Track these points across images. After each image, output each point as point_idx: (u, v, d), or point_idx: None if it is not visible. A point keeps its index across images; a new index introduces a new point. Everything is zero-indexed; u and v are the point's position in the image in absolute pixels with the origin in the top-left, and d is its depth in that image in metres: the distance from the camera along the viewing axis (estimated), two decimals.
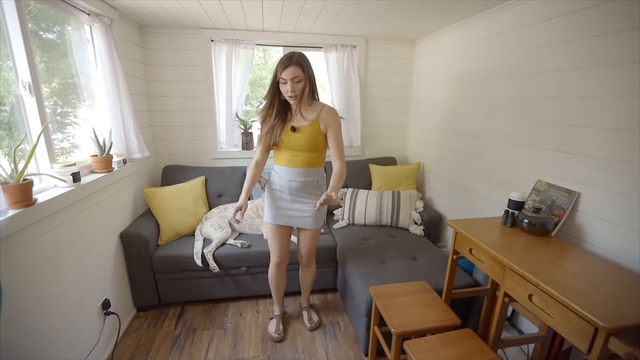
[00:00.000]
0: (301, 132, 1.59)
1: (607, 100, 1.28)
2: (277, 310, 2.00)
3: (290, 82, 1.49)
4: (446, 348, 1.24)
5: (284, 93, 1.54)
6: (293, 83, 1.50)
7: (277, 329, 1.91)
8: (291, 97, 1.53)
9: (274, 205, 1.72)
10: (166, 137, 2.64)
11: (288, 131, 1.60)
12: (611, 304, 0.94)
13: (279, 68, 1.50)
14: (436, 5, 1.86)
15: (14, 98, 1.33)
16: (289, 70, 1.48)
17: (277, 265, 1.82)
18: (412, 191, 2.51)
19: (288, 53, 1.52)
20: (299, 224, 1.74)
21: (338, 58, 2.67)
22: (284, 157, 1.65)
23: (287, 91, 1.52)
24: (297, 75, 1.49)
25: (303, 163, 1.64)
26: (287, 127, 1.61)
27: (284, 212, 1.71)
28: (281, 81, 1.52)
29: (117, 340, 1.84)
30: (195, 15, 2.12)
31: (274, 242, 1.78)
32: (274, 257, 1.81)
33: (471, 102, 2.10)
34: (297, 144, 1.61)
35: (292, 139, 1.60)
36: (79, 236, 1.55)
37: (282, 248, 1.79)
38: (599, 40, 1.29)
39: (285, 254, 1.82)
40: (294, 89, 1.51)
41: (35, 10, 1.50)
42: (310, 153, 1.63)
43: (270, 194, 1.72)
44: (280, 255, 1.80)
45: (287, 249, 1.82)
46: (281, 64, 1.49)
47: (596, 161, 1.32)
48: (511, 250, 1.26)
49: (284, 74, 1.49)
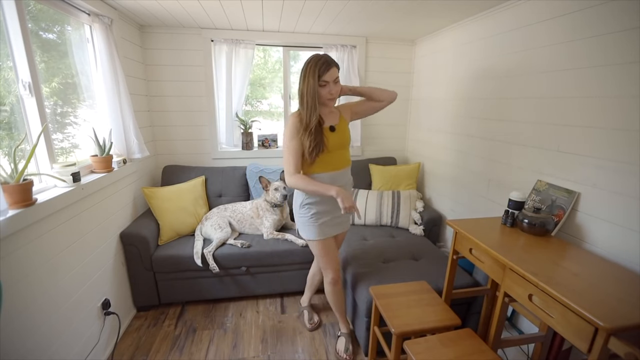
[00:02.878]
0: (339, 130, 1.56)
1: (607, 100, 1.27)
2: (345, 328, 1.87)
3: (331, 84, 1.45)
4: (446, 348, 1.24)
5: (323, 96, 1.47)
6: (334, 85, 1.46)
7: (347, 349, 1.78)
8: (331, 99, 1.49)
9: (321, 218, 1.59)
10: (166, 137, 2.64)
11: (328, 133, 1.52)
12: (611, 304, 0.94)
13: (318, 71, 1.41)
14: (436, 5, 1.86)
15: (14, 98, 1.33)
16: (331, 72, 1.43)
17: (336, 281, 1.71)
18: (412, 191, 2.51)
19: (316, 56, 1.45)
20: (346, 227, 1.72)
21: (338, 58, 2.66)
22: (332, 162, 1.55)
23: (329, 93, 1.46)
24: (337, 77, 1.47)
25: (348, 160, 1.64)
26: (324, 131, 1.51)
27: (336, 221, 1.64)
28: (321, 84, 1.44)
29: (117, 340, 1.84)
30: (195, 15, 2.12)
31: (329, 258, 1.65)
32: (332, 273, 1.68)
33: (471, 102, 2.10)
34: (340, 142, 1.56)
35: (335, 139, 1.54)
36: (79, 236, 1.55)
37: (336, 261, 1.69)
38: (598, 40, 1.29)
39: (339, 267, 1.74)
40: (336, 90, 1.48)
41: (35, 10, 1.50)
42: (348, 149, 1.64)
43: (314, 208, 1.57)
44: (337, 269, 1.70)
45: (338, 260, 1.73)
46: (320, 66, 1.42)
47: (596, 161, 1.32)
48: (511, 250, 1.26)
49: (327, 76, 1.42)
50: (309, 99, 1.44)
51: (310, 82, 1.43)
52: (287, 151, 1.50)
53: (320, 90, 1.45)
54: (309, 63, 1.44)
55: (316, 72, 1.41)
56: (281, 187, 2.26)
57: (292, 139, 1.48)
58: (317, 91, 1.44)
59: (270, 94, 3.17)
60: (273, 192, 2.26)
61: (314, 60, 1.43)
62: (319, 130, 1.49)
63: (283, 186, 2.28)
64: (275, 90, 3.08)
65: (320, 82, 1.43)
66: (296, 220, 1.68)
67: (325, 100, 1.48)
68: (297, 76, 1.51)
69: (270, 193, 2.27)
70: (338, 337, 1.87)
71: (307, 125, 1.46)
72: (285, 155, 1.51)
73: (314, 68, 1.42)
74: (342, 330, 1.87)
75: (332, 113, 1.59)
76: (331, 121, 1.56)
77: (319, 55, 1.45)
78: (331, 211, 1.60)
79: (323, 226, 1.60)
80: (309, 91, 1.44)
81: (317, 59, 1.43)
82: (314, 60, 1.43)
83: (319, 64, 1.42)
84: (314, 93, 1.44)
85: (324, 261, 1.67)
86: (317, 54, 1.47)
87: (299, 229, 1.68)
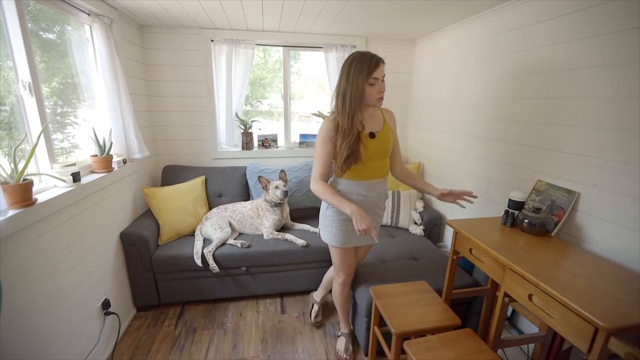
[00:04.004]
0: (380, 136, 1.43)
1: (607, 100, 1.27)
2: (345, 328, 1.85)
3: (380, 81, 1.33)
4: (446, 348, 1.24)
5: (373, 95, 1.34)
6: (383, 82, 1.35)
7: (347, 349, 1.78)
8: (380, 98, 1.37)
9: (346, 227, 1.50)
10: (166, 137, 2.64)
11: (367, 140, 1.39)
12: (611, 303, 0.94)
13: (368, 67, 1.29)
14: (436, 5, 1.86)
15: (14, 98, 1.33)
16: (380, 68, 1.31)
17: (346, 282, 1.70)
18: (412, 191, 2.51)
19: (360, 52, 1.34)
20: (371, 241, 1.58)
21: (338, 58, 2.67)
22: (365, 170, 1.43)
23: (378, 92, 1.34)
24: (384, 74, 1.35)
25: (386, 171, 1.51)
26: (363, 138, 1.39)
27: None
28: (371, 82, 1.31)
29: (117, 340, 1.84)
30: (195, 15, 2.12)
31: (345, 264, 1.62)
32: (344, 276, 1.66)
33: (471, 102, 2.10)
34: (379, 151, 1.43)
35: (374, 148, 1.41)
36: (79, 236, 1.55)
37: (352, 267, 1.66)
38: (598, 40, 1.29)
39: (354, 271, 1.71)
40: (384, 88, 1.36)
41: (35, 10, 1.50)
42: (387, 159, 1.51)
43: (342, 214, 1.46)
44: (351, 273, 1.68)
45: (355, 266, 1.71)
46: (368, 62, 1.30)
47: (596, 161, 1.32)
48: (511, 250, 1.26)
49: (377, 72, 1.30)
50: (352, 100, 1.31)
51: (357, 81, 1.29)
52: (316, 156, 1.42)
53: (369, 89, 1.32)
54: (354, 60, 1.31)
55: (365, 68, 1.29)
56: (281, 185, 2.26)
57: (323, 144, 1.39)
58: (364, 90, 1.31)
59: (270, 94, 3.17)
60: (273, 190, 2.25)
61: (360, 56, 1.31)
62: (356, 138, 1.36)
63: (283, 184, 2.28)
64: (275, 90, 3.08)
65: (369, 79, 1.30)
66: (320, 221, 1.60)
67: (374, 100, 1.36)
68: (297, 76, 1.48)
69: (271, 192, 2.26)
70: (338, 337, 1.87)
71: (346, 132, 1.34)
72: (314, 159, 1.44)
73: (361, 64, 1.29)
74: (342, 330, 1.87)
75: (373, 117, 1.45)
76: (372, 126, 1.42)
77: (362, 52, 1.34)
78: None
79: (347, 234, 1.51)
80: (354, 91, 1.30)
81: (363, 54, 1.32)
82: (359, 57, 1.31)
83: (366, 60, 1.30)
84: (360, 93, 1.31)
85: (340, 266, 1.64)
86: (358, 51, 1.35)
87: (321, 230, 1.61)
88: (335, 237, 1.53)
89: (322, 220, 1.59)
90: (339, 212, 1.48)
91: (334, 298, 1.80)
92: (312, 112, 2.87)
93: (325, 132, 1.38)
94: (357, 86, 1.30)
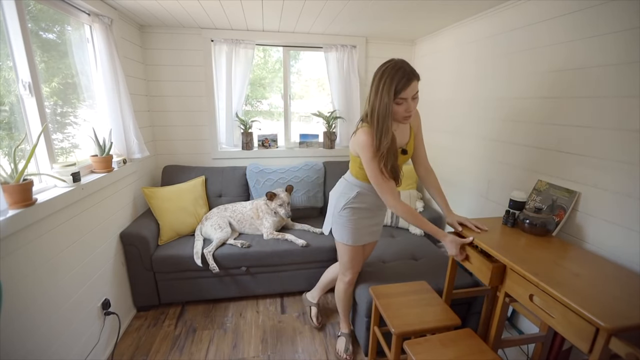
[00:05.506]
0: (409, 150, 1.43)
1: (607, 100, 1.27)
2: (346, 328, 1.85)
3: (409, 100, 1.23)
4: (446, 348, 1.24)
5: (400, 113, 1.25)
6: (412, 101, 1.24)
7: (347, 349, 1.78)
8: (407, 117, 1.27)
9: (360, 225, 1.53)
10: (166, 137, 2.64)
11: (400, 157, 1.37)
12: (612, 304, 0.94)
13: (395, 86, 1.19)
14: (437, 5, 1.86)
15: (14, 98, 1.33)
16: (412, 86, 1.20)
17: (352, 281, 1.70)
18: (412, 191, 2.51)
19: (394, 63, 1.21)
20: (377, 237, 1.68)
21: (338, 58, 2.67)
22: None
23: (405, 111, 1.24)
24: (417, 91, 1.24)
25: None
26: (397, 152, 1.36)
27: (372, 229, 1.60)
28: (398, 102, 1.22)
29: (117, 340, 1.84)
30: (195, 15, 2.12)
31: (354, 263, 1.63)
32: (351, 275, 1.67)
33: (471, 102, 2.10)
34: (404, 161, 1.46)
35: (402, 160, 1.43)
36: (79, 236, 1.55)
37: (360, 266, 1.69)
38: (598, 40, 1.29)
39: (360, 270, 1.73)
40: (414, 107, 1.25)
41: (35, 10, 1.50)
42: None
43: (357, 214, 1.51)
44: (357, 272, 1.70)
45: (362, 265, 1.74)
46: (399, 80, 1.18)
47: (596, 161, 1.32)
48: (512, 250, 1.26)
49: (406, 92, 1.20)
50: (379, 119, 1.23)
51: (384, 98, 1.20)
52: (376, 174, 1.31)
53: (397, 108, 1.23)
54: (384, 74, 1.21)
55: (392, 87, 1.19)
56: (286, 204, 2.23)
57: (374, 159, 1.29)
58: (391, 109, 1.23)
59: (270, 94, 3.17)
60: (277, 207, 2.23)
61: (391, 70, 1.20)
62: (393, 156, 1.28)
63: (287, 202, 2.24)
64: (275, 90, 3.08)
65: (397, 99, 1.21)
66: (334, 221, 1.58)
67: (401, 118, 1.27)
68: (297, 76, 1.46)
69: (274, 204, 2.24)
70: (338, 337, 1.87)
71: (376, 149, 1.27)
72: (376, 181, 1.33)
73: (390, 82, 1.19)
74: (342, 330, 1.86)
75: (401, 128, 1.37)
76: (401, 140, 1.37)
77: (397, 62, 1.21)
78: (372, 217, 1.57)
79: (360, 232, 1.54)
80: (381, 110, 1.22)
81: (395, 68, 1.20)
82: (390, 70, 1.20)
83: (397, 77, 1.18)
84: (387, 112, 1.22)
85: (349, 264, 1.64)
86: (393, 59, 1.23)
87: (333, 228, 1.60)
88: (349, 236, 1.55)
89: (336, 220, 1.57)
90: (354, 212, 1.51)
91: (336, 297, 1.80)
92: (312, 112, 2.87)
93: (368, 147, 1.29)
94: (385, 105, 1.22)
